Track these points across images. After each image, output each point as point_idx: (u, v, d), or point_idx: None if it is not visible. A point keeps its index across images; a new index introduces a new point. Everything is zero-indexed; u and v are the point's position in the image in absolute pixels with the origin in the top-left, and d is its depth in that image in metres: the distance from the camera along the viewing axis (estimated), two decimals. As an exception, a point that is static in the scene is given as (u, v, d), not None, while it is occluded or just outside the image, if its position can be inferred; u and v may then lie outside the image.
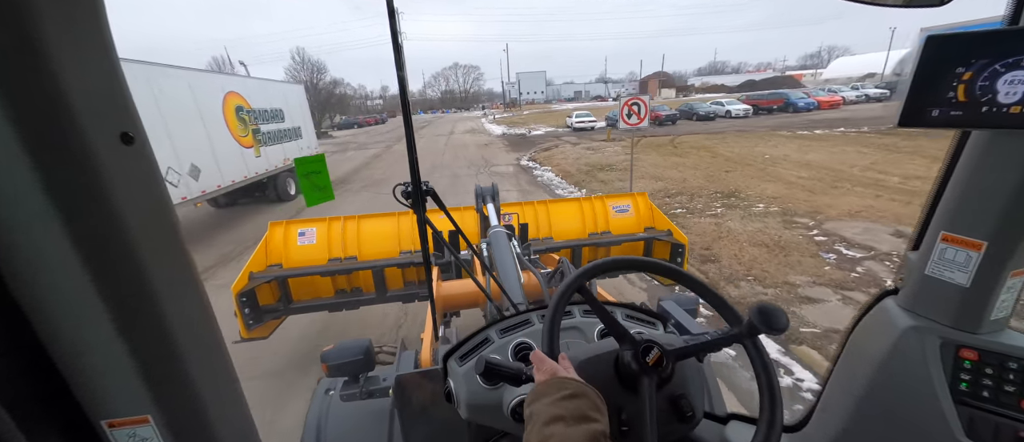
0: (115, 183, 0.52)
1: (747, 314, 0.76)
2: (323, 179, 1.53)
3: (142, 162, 0.56)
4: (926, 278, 0.85)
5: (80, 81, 0.48)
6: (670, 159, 13.08)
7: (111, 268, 0.53)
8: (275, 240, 3.51)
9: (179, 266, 0.63)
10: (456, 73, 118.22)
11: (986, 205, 0.75)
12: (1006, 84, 0.62)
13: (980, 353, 0.80)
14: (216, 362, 0.70)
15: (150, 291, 0.57)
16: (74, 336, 0.54)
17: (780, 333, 0.72)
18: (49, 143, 0.47)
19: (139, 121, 0.56)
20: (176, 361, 0.61)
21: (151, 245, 0.57)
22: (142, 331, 0.57)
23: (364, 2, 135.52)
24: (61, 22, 0.46)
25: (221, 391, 0.71)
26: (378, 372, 1.63)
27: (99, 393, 0.57)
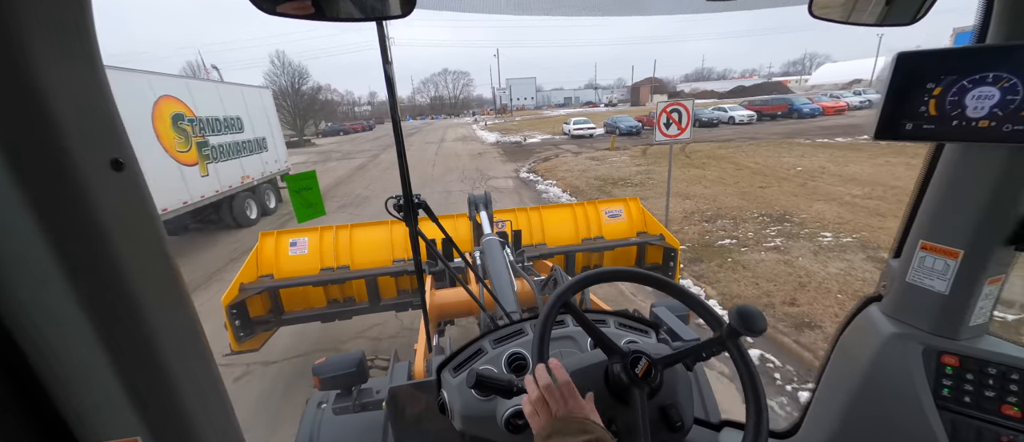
0: (104, 208, 0.52)
1: (727, 317, 0.77)
2: (314, 195, 1.54)
3: (133, 188, 0.56)
4: (908, 285, 0.87)
5: (70, 107, 0.48)
6: (689, 172, 11.68)
7: (101, 295, 0.53)
8: (266, 250, 3.45)
9: (170, 291, 0.62)
10: (445, 79, 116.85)
11: (961, 215, 0.78)
12: (974, 99, 0.65)
13: (961, 359, 0.82)
14: (206, 382, 0.69)
15: (139, 314, 0.57)
16: (64, 361, 0.54)
17: (759, 335, 0.73)
18: (39, 170, 0.46)
19: (130, 147, 0.56)
20: (166, 383, 0.61)
21: (142, 272, 0.57)
22: (131, 353, 0.57)
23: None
24: (51, 47, 0.46)
25: (211, 410, 0.70)
26: (371, 384, 1.62)
27: (89, 416, 0.57)
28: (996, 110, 0.64)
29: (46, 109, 0.46)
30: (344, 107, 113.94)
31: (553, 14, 1.25)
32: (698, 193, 9.23)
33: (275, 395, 3.48)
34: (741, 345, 0.80)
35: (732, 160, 12.97)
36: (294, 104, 41.26)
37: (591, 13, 1.27)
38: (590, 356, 0.86)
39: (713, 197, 8.82)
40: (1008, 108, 0.63)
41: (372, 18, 0.75)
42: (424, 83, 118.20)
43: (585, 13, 1.26)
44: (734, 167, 11.89)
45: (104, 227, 0.52)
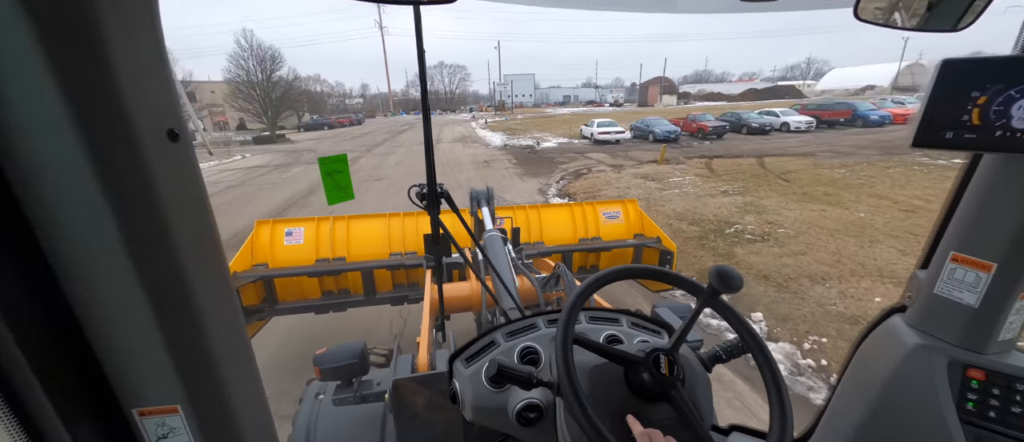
0: (161, 177, 0.53)
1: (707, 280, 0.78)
2: (345, 178, 1.49)
3: (186, 159, 0.57)
4: (935, 297, 0.86)
5: (134, 78, 0.49)
6: (814, 209, 7.62)
7: (154, 260, 0.54)
8: (261, 239, 3.40)
9: (214, 262, 0.63)
10: (442, 73, 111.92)
11: (997, 227, 0.76)
12: (1021, 109, 0.63)
13: (988, 373, 0.81)
14: (241, 355, 0.70)
15: (187, 285, 0.57)
16: (114, 324, 0.54)
17: (736, 292, 0.74)
18: (102, 137, 0.48)
19: (184, 119, 0.57)
20: (207, 353, 0.62)
21: (191, 240, 0.57)
22: (178, 323, 0.57)
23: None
24: (118, 20, 0.47)
25: (244, 383, 0.71)
26: (372, 376, 1.60)
27: (133, 382, 0.58)
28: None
29: (113, 78, 0.47)
30: (334, 99, 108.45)
31: (582, 8, 1.39)
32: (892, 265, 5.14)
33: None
34: (728, 305, 0.82)
35: (869, 190, 8.90)
36: (264, 93, 34.55)
37: (621, 8, 1.33)
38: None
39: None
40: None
41: (412, 2, 0.73)
42: (417, 75, 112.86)
43: (614, 8, 1.30)
44: (889, 204, 7.82)
45: (160, 197, 0.53)
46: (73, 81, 0.45)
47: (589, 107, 73.92)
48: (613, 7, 1.22)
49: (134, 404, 0.59)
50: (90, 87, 0.46)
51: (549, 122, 35.93)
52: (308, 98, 73.26)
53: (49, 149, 0.46)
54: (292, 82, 38.85)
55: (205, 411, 0.63)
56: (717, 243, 6.33)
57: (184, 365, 0.59)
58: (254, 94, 34.17)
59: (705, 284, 0.80)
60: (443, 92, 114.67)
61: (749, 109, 26.17)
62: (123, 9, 0.48)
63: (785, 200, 8.39)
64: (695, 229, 6.98)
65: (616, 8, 1.26)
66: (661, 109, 53.74)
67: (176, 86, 0.56)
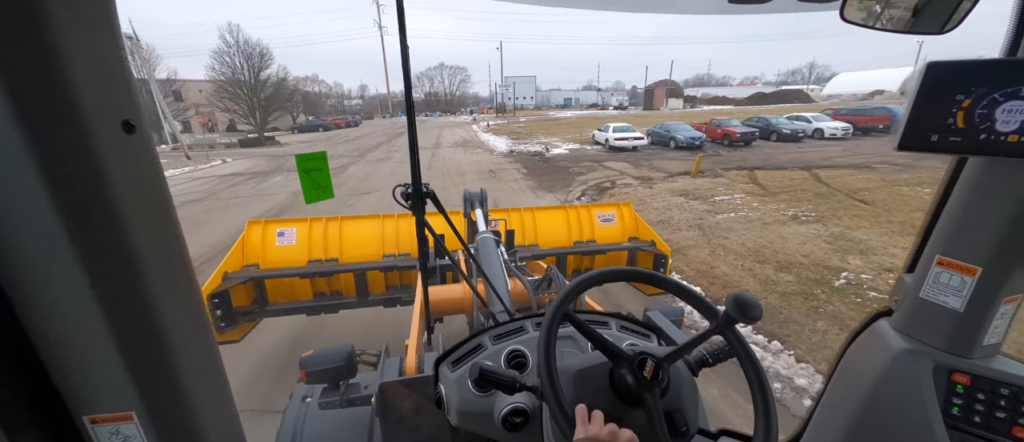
0: (114, 172, 0.50)
1: (724, 305, 0.76)
2: (324, 177, 1.45)
3: (143, 152, 0.55)
4: (921, 301, 0.85)
5: (84, 67, 0.47)
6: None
7: (104, 258, 0.51)
8: (252, 240, 3.33)
9: (174, 260, 0.60)
10: (441, 74, 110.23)
11: (982, 231, 0.76)
12: (1004, 113, 0.63)
13: (973, 378, 0.80)
14: (206, 361, 0.66)
15: (143, 284, 0.54)
16: (60, 326, 0.52)
17: (754, 322, 0.72)
18: (48, 128, 0.45)
19: (141, 110, 0.54)
20: (165, 357, 0.58)
21: (148, 237, 0.55)
22: (131, 324, 0.54)
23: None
24: (69, 8, 0.45)
25: (210, 391, 0.67)
26: (360, 379, 1.58)
27: (83, 387, 0.55)
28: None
29: (59, 64, 0.45)
30: (332, 100, 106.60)
31: (576, 7, 1.28)
32: None
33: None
34: (739, 333, 0.80)
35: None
36: (251, 93, 31.69)
37: (612, 8, 1.25)
38: (591, 357, 0.83)
39: None
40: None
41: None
42: (418, 77, 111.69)
43: (607, 8, 1.25)
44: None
45: (114, 192, 0.50)
46: (15, 71, 0.42)
47: (592, 110, 72.29)
48: (607, 7, 1.24)
49: (85, 411, 0.56)
50: (35, 76, 0.43)
51: (554, 126, 34.08)
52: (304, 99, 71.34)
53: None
54: (282, 81, 36.40)
55: (164, 420, 0.59)
56: (835, 304, 4.41)
57: (139, 369, 0.56)
58: (241, 94, 31.63)
59: (721, 308, 0.78)
60: (443, 94, 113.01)
61: (774, 113, 24.43)
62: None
63: (884, 232, 6.51)
64: (788, 278, 5.08)
65: (610, 8, 1.24)
66: (668, 113, 52.05)
67: (132, 76, 0.53)
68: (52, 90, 0.44)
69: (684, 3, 1.13)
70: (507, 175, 13.18)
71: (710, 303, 0.86)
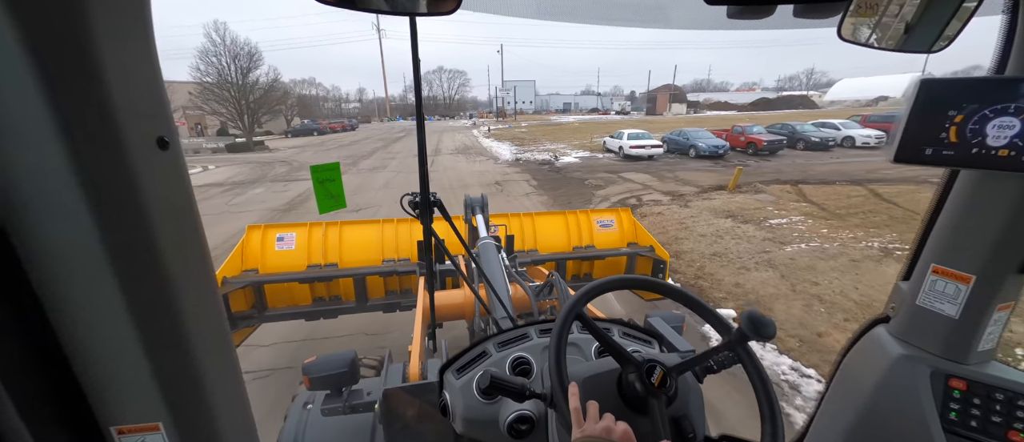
0: (148, 187, 0.51)
1: (738, 322, 0.76)
2: (337, 187, 1.46)
3: (175, 168, 0.56)
4: (917, 308, 0.87)
5: (124, 84, 0.48)
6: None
7: (137, 271, 0.52)
8: (252, 244, 3.33)
9: (201, 274, 0.61)
10: (441, 78, 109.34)
11: (975, 241, 0.78)
12: (994, 128, 0.65)
13: (969, 383, 0.82)
14: (228, 371, 0.67)
15: (172, 297, 0.55)
16: (91, 337, 0.52)
17: (768, 340, 0.73)
18: (88, 143, 0.46)
19: (174, 126, 0.55)
20: (191, 368, 0.59)
21: (177, 251, 0.56)
22: (160, 336, 0.55)
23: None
24: (110, 23, 0.46)
25: (230, 399, 0.68)
26: (362, 385, 1.58)
27: (111, 398, 0.55)
28: (1016, 140, 0.65)
29: (101, 83, 0.46)
30: (330, 103, 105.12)
31: (574, 21, 1.27)
32: None
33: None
34: (751, 351, 0.80)
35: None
36: (239, 94, 29.37)
37: (614, 23, 1.30)
38: (599, 364, 0.84)
39: None
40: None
41: (408, 13, 0.72)
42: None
43: (607, 23, 1.29)
44: None
45: (147, 206, 0.51)
46: (59, 86, 0.44)
47: (594, 115, 71.20)
48: (605, 21, 1.29)
49: (112, 421, 0.56)
50: (76, 92, 0.45)
51: (558, 131, 32.67)
52: (299, 102, 69.78)
53: (30, 156, 0.44)
54: (273, 83, 34.14)
55: (188, 428, 0.60)
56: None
57: (167, 380, 0.56)
58: (228, 96, 29.25)
59: (735, 325, 0.78)
60: (442, 98, 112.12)
61: (780, 119, 23.14)
62: (114, 11, 0.46)
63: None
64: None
65: (608, 22, 1.30)
66: (673, 118, 50.87)
67: (165, 94, 0.54)
68: (92, 105, 0.45)
69: (682, 18, 1.16)
70: (516, 188, 11.75)
71: (724, 318, 0.87)
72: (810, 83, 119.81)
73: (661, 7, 1.17)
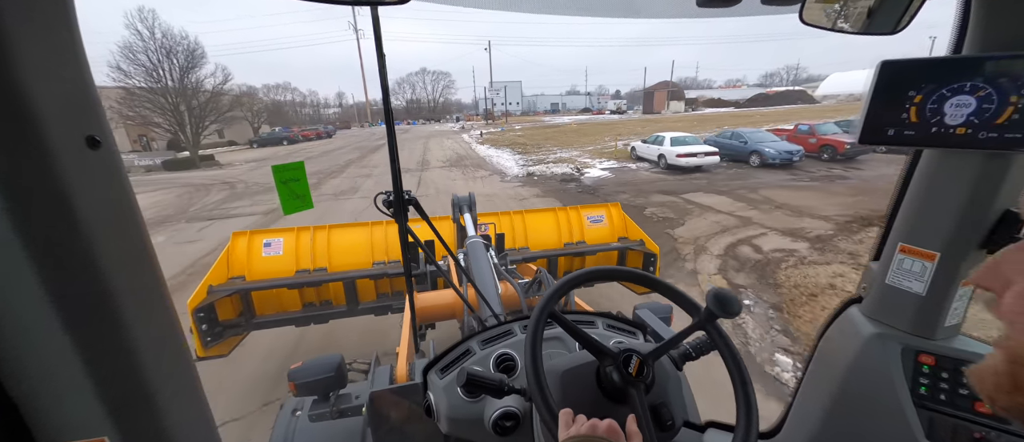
0: (78, 188, 0.49)
1: (705, 302, 0.78)
2: (302, 187, 1.40)
3: (109, 167, 0.53)
4: (886, 287, 0.89)
5: (45, 82, 0.46)
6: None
7: (72, 283, 0.50)
8: (238, 251, 3.26)
9: (146, 277, 0.58)
10: (424, 79, 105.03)
11: (938, 218, 0.80)
12: (952, 107, 0.67)
13: (937, 358, 0.84)
14: (183, 379, 0.64)
15: (112, 303, 0.53)
16: (21, 349, 0.50)
17: (734, 316, 0.75)
18: (8, 144, 0.44)
19: (107, 125, 0.53)
20: (138, 378, 0.57)
21: (116, 255, 0.53)
22: (101, 346, 0.53)
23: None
24: (23, 18, 0.44)
25: (187, 410, 0.65)
26: (350, 389, 1.56)
27: (50, 413, 0.53)
28: (973, 118, 0.67)
29: (15, 82, 0.43)
30: (308, 109, 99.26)
31: (543, 12, 1.24)
32: None
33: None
34: (721, 329, 0.82)
35: None
36: (176, 98, 23.30)
37: (582, 13, 1.28)
38: (579, 356, 0.84)
39: None
40: (983, 116, 0.66)
41: (368, 2, 0.72)
42: (399, 83, 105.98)
43: (576, 13, 1.28)
44: None
45: (79, 210, 0.49)
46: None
47: (586, 115, 67.87)
48: (577, 12, 1.27)
49: (52, 438, 0.54)
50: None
51: (558, 134, 28.95)
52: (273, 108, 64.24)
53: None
54: (220, 86, 27.61)
55: (139, 440, 0.57)
56: None
57: (112, 393, 0.54)
58: (165, 103, 23.10)
59: (702, 305, 0.80)
60: (426, 100, 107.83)
61: (809, 116, 19.83)
62: (30, 6, 0.44)
63: None
64: None
65: (579, 13, 1.29)
66: (672, 117, 47.64)
67: (96, 91, 0.52)
68: (9, 109, 0.43)
69: (652, 7, 1.15)
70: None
71: (691, 299, 0.88)
72: (791, 79, 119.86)
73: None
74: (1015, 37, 0.67)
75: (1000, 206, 0.75)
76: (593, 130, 30.44)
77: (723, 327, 0.81)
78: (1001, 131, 0.65)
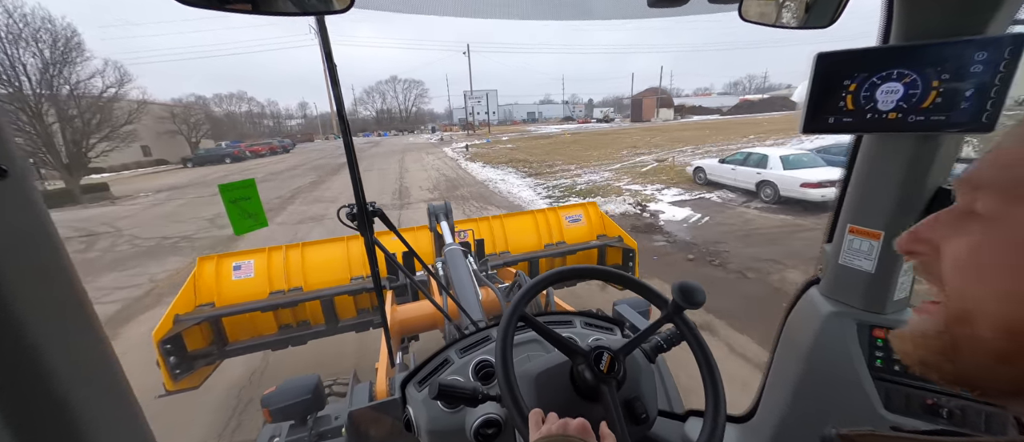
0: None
1: (671, 295, 0.81)
2: (253, 205, 1.33)
3: (20, 199, 0.49)
4: (840, 267, 0.94)
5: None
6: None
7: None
8: (205, 277, 3.11)
9: (71, 314, 0.53)
10: (395, 88, 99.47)
11: (880, 199, 0.85)
12: (883, 93, 0.72)
13: (888, 331, 0.88)
14: (119, 420, 0.59)
15: (31, 348, 0.47)
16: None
17: (698, 307, 0.77)
18: None
19: (16, 151, 0.49)
20: (65, 424, 0.51)
21: (31, 293, 0.49)
22: (17, 394, 0.47)
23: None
24: None
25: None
26: (329, 410, 1.51)
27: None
28: (901, 103, 0.71)
29: None
30: (268, 120, 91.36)
31: (495, 17, 1.23)
32: None
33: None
34: (688, 320, 0.84)
35: None
36: (38, 106, 16.84)
37: (537, 17, 1.26)
38: (554, 357, 0.84)
39: None
40: (911, 101, 0.70)
41: (311, 13, 0.69)
42: (368, 92, 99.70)
43: (531, 17, 1.26)
44: None
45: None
46: None
47: (570, 124, 64.43)
48: (531, 16, 1.24)
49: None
50: None
51: (558, 146, 24.65)
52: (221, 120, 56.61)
53: None
54: (114, 90, 20.80)
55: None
56: None
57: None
58: (23, 114, 16.19)
59: (669, 298, 0.81)
60: (397, 110, 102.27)
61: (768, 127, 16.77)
62: None
63: None
64: None
65: (533, 17, 1.26)
66: (662, 126, 44.57)
67: (3, 117, 0.49)
68: None
69: (604, 8, 1.16)
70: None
71: (658, 292, 0.90)
72: (753, 87, 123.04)
73: (584, 1, 1.15)
74: (934, 26, 0.71)
75: (933, 184, 0.79)
76: (594, 141, 26.33)
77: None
78: (927, 114, 0.70)
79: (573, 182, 12.58)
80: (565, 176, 13.75)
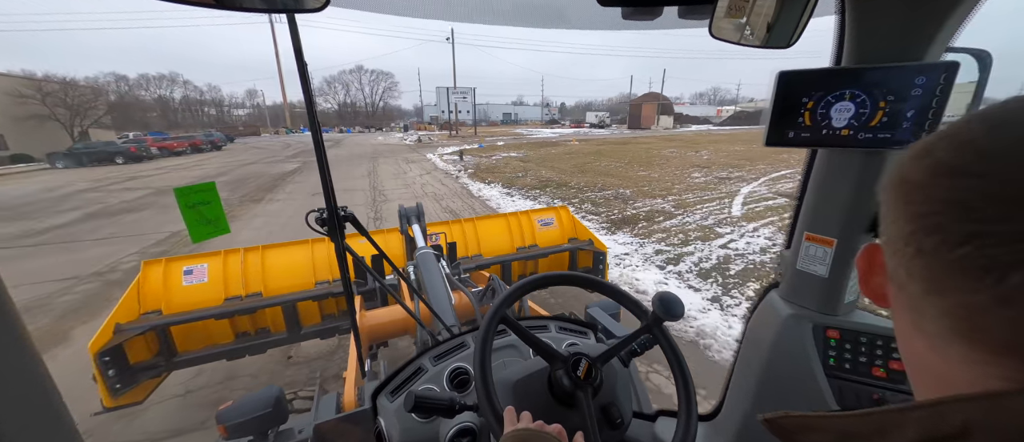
0: None
1: (651, 306, 0.84)
2: (214, 211, 1.24)
3: None
4: (798, 272, 1.00)
5: None
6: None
7: None
8: (151, 282, 2.86)
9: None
10: (360, 79, 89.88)
11: (834, 208, 0.92)
12: (836, 111, 0.78)
13: (841, 332, 0.96)
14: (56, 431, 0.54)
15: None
16: None
17: (678, 319, 0.82)
18: None
19: None
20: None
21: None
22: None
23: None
24: None
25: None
26: (292, 423, 1.43)
27: None
28: (853, 121, 0.77)
29: None
30: (210, 109, 79.03)
31: (472, 21, 1.24)
32: None
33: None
34: (667, 331, 0.87)
35: None
36: None
37: (516, 24, 1.29)
38: (532, 364, 0.84)
39: None
40: (861, 119, 0.77)
41: (282, 10, 0.68)
42: (329, 82, 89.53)
43: (510, 23, 1.28)
44: None
45: None
46: None
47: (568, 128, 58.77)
48: (507, 22, 1.26)
49: None
50: None
51: (579, 158, 18.68)
52: (127, 104, 46.04)
53: None
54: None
55: None
56: None
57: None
58: None
59: (650, 309, 0.84)
60: (363, 104, 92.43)
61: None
62: None
63: None
64: None
65: (509, 23, 1.28)
66: (664, 135, 39.74)
67: None
68: None
69: (579, 19, 1.18)
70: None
71: (639, 302, 0.93)
72: (718, 98, 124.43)
73: (560, 9, 1.19)
74: (881, 51, 0.77)
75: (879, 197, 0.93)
76: (623, 153, 20.55)
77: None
78: (875, 132, 0.76)
79: (718, 253, 6.52)
80: (676, 228, 7.68)
